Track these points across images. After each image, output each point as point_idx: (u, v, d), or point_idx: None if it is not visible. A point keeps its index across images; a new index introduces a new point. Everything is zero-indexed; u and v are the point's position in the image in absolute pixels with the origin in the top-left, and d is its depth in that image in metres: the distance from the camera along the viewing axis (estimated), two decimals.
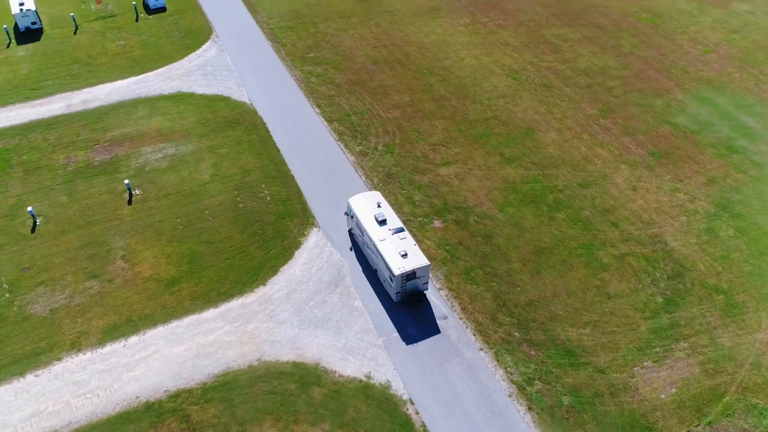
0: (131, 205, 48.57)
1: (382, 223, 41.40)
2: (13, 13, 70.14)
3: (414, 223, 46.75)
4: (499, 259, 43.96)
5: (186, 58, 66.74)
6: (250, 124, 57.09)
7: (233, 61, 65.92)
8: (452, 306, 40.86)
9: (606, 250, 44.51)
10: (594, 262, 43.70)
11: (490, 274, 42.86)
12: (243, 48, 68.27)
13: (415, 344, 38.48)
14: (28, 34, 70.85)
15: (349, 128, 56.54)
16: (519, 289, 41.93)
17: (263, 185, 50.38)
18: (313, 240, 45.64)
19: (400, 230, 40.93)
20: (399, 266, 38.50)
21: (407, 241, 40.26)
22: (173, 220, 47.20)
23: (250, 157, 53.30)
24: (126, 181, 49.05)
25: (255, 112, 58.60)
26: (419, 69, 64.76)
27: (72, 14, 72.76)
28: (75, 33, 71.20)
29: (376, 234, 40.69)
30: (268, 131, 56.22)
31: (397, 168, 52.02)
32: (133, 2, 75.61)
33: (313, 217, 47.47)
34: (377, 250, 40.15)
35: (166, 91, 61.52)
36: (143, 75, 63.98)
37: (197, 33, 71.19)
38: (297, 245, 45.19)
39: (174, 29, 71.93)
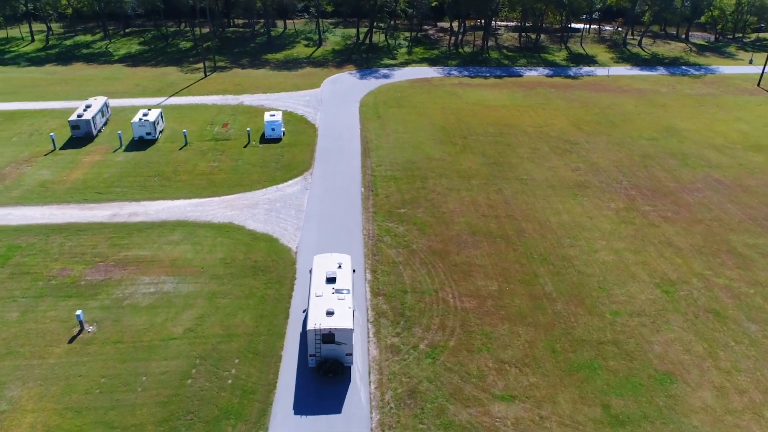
0: (70, 344, 36.90)
1: (330, 281, 36.85)
2: (131, 121, 69.28)
3: None
4: None
5: (264, 189, 57.89)
6: (277, 277, 44.04)
7: (309, 202, 55.24)
8: None
9: None
10: None
11: None
12: (329, 190, 57.69)
13: None
14: (140, 143, 68.94)
15: (395, 309, 40.43)
16: None
17: (237, 360, 35.68)
18: None
19: (346, 291, 35.81)
20: (315, 323, 33.14)
21: (344, 302, 34.92)
22: (96, 379, 34.14)
23: (248, 317, 39.52)
24: (78, 313, 37.97)
25: (293, 263, 45.70)
26: (528, 252, 47.43)
27: (185, 131, 69.96)
28: (181, 149, 67.55)
29: (316, 290, 36.06)
30: (291, 290, 42.48)
31: (431, 385, 33.92)
32: (248, 128, 71.11)
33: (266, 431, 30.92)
34: (307, 307, 35.42)
35: (217, 220, 52.11)
36: (209, 198, 55.98)
37: (293, 167, 62.92)
38: None
39: (273, 160, 64.71)
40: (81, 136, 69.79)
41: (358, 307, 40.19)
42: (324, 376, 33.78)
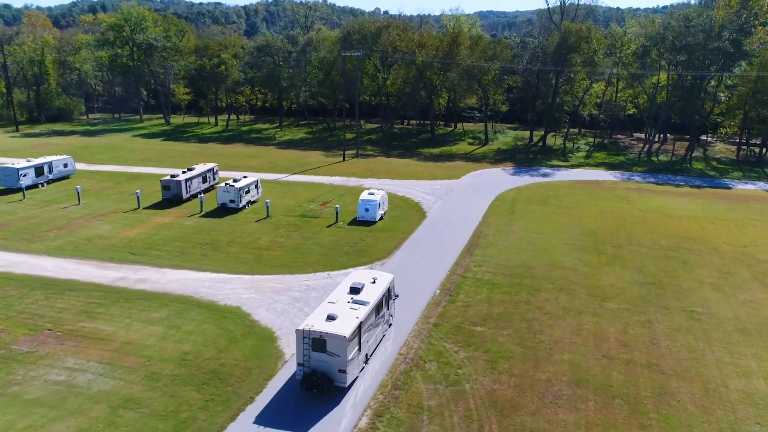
0: None
1: (354, 291, 31.74)
2: (217, 186, 61.71)
3: None
4: None
5: (311, 274, 44.05)
6: (231, 392, 28.74)
7: None
8: None
9: None
10: None
11: None
12: (396, 287, 41.46)
13: None
14: (223, 210, 60.50)
15: None
16: None
17: None
18: None
19: (363, 303, 30.26)
20: (308, 324, 28.12)
21: (355, 312, 29.38)
22: None
23: None
24: None
25: (269, 377, 30.10)
26: None
27: (267, 202, 60.02)
28: (258, 221, 57.48)
29: (332, 297, 31.35)
30: (232, 419, 26.65)
31: None
32: (336, 206, 58.78)
33: None
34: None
35: (225, 301, 39.06)
36: (240, 275, 43.74)
37: (367, 254, 48.41)
38: None
39: (349, 243, 50.95)
40: (170, 197, 63.78)
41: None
42: (307, 391, 28.09)
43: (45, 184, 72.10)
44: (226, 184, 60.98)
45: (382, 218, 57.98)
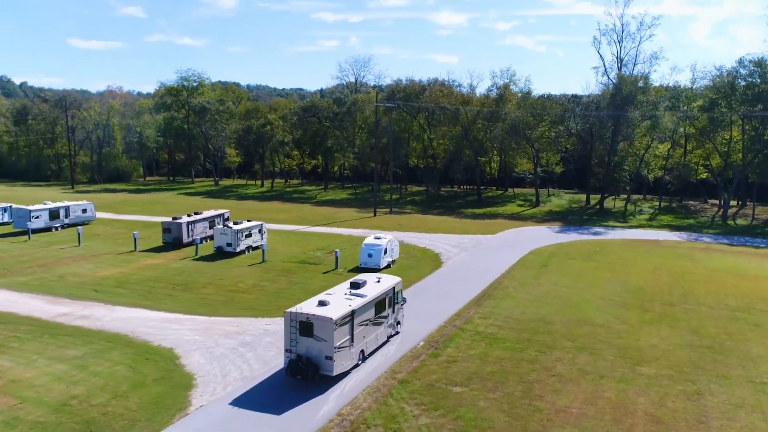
0: None
1: (355, 286, 30.68)
2: (214, 228, 56.68)
3: None
4: None
5: (279, 318, 36.74)
6: None
7: None
8: None
9: None
10: None
11: None
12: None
13: None
14: (219, 254, 55.14)
15: None
16: None
17: None
18: None
19: (360, 296, 29.26)
20: (297, 308, 27.24)
21: (350, 301, 28.44)
22: None
23: None
24: None
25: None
26: None
27: (264, 245, 54.47)
28: (250, 265, 51.63)
29: (331, 290, 30.79)
30: None
31: None
32: (336, 250, 52.03)
33: None
34: None
35: (161, 343, 32.57)
36: (195, 316, 37.45)
37: None
38: None
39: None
40: (170, 241, 59.27)
41: None
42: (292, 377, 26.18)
43: (60, 228, 69.71)
44: (225, 225, 55.94)
45: (389, 266, 50.69)
